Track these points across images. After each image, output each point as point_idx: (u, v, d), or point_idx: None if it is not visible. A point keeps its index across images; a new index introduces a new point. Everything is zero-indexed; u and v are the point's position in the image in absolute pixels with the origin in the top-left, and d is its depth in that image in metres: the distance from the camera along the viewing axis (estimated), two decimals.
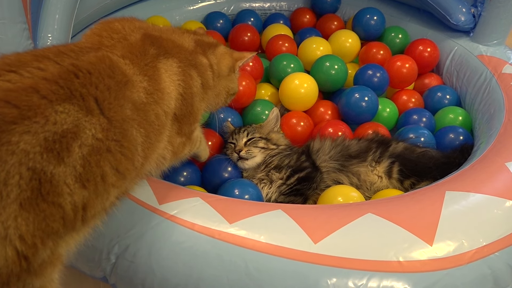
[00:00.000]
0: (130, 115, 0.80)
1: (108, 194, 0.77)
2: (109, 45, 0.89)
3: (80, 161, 0.70)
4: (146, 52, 0.91)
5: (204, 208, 0.95)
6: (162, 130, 0.92)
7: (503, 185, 1.03)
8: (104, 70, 0.79)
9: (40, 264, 0.69)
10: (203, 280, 0.87)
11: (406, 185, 1.30)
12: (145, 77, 0.87)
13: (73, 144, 0.69)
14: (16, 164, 0.62)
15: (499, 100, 1.46)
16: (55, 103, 0.68)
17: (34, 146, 0.64)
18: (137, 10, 2.10)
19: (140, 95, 0.84)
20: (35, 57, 0.73)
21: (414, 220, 0.93)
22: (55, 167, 0.66)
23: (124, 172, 0.79)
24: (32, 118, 0.64)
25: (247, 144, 1.38)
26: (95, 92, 0.75)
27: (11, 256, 0.63)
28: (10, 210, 0.62)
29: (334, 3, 2.27)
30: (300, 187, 1.28)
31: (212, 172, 1.33)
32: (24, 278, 0.67)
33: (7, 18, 1.13)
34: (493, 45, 1.74)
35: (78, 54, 0.79)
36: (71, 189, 0.69)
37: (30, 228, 0.64)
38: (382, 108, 1.63)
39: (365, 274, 0.83)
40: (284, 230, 0.91)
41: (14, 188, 0.62)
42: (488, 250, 0.88)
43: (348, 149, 1.37)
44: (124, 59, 0.86)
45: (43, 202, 0.65)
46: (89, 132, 0.71)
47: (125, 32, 0.94)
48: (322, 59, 1.71)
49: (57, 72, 0.72)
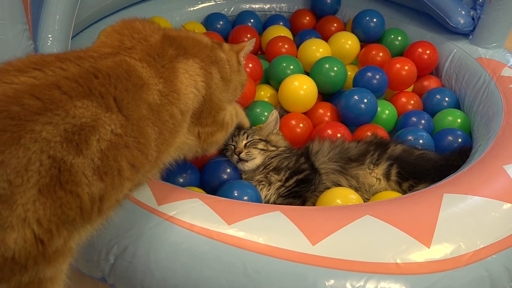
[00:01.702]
0: (146, 115, 0.86)
1: (123, 187, 0.83)
2: (129, 47, 0.94)
3: (98, 154, 0.75)
4: (165, 53, 0.96)
5: (203, 209, 0.96)
6: (178, 128, 0.97)
7: (501, 187, 1.03)
8: (121, 73, 0.85)
9: (54, 251, 0.73)
10: (201, 281, 0.87)
11: (405, 187, 1.31)
12: (161, 79, 0.92)
13: (91, 137, 0.74)
14: (37, 151, 0.67)
15: (498, 102, 1.46)
16: (74, 98, 0.74)
17: (55, 135, 0.69)
18: (137, 11, 2.11)
19: (154, 97, 0.89)
20: (58, 58, 0.80)
21: (412, 222, 0.93)
22: (74, 157, 0.71)
23: (139, 166, 0.84)
24: (54, 110, 0.70)
25: (247, 146, 1.38)
26: (114, 91, 0.81)
27: (29, 238, 0.67)
28: (30, 194, 0.66)
29: (334, 5, 2.27)
30: (299, 189, 1.28)
31: (211, 173, 1.33)
32: (40, 263, 0.71)
33: (8, 18, 1.13)
34: (492, 48, 1.75)
35: (96, 60, 0.85)
36: (89, 180, 0.74)
37: (47, 213, 0.69)
38: (381, 110, 1.64)
39: (363, 276, 0.83)
40: (282, 231, 0.91)
41: (34, 174, 0.67)
42: (485, 253, 0.88)
43: (347, 151, 1.37)
44: (142, 62, 0.91)
45: (60, 190, 0.70)
46: (108, 128, 0.77)
47: (145, 32, 0.98)
48: (322, 60, 1.71)
49: (78, 72, 0.78)
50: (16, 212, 0.65)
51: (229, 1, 2.37)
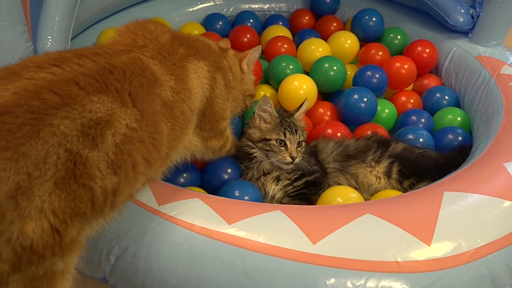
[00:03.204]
0: (160, 110, 0.88)
1: (136, 181, 0.85)
2: (142, 45, 0.97)
3: (112, 148, 0.77)
4: (175, 52, 0.99)
5: (203, 209, 0.96)
6: (188, 124, 1.00)
7: (501, 185, 1.03)
8: (136, 69, 0.87)
9: (69, 242, 0.75)
10: (202, 280, 0.87)
11: (405, 185, 1.31)
12: (172, 76, 0.95)
13: (106, 131, 0.76)
14: (55, 145, 0.70)
15: (498, 100, 1.46)
16: (91, 94, 0.77)
17: (72, 129, 0.72)
18: (136, 11, 2.11)
19: (167, 94, 0.92)
20: (75, 55, 0.82)
21: (412, 220, 0.93)
22: (89, 151, 0.74)
23: (152, 161, 0.87)
24: (72, 105, 0.73)
25: (297, 148, 1.28)
26: (129, 87, 0.83)
27: (46, 228, 0.70)
28: (46, 186, 0.69)
29: (333, 4, 2.27)
30: (307, 191, 1.27)
31: (212, 173, 1.33)
32: (56, 254, 0.73)
33: (7, 20, 1.14)
34: (492, 46, 1.75)
35: (112, 56, 0.88)
36: (102, 174, 0.76)
37: (62, 205, 0.71)
38: (381, 109, 1.64)
39: (364, 274, 0.83)
40: (282, 230, 0.91)
41: (51, 166, 0.69)
42: (486, 250, 0.88)
43: (346, 148, 1.37)
44: (153, 60, 0.94)
45: (74, 183, 0.72)
46: (123, 122, 0.79)
47: (156, 33, 1.02)
48: (321, 60, 1.72)
49: (94, 68, 0.81)
50: (34, 203, 0.68)
51: (228, 2, 2.37)
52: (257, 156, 1.30)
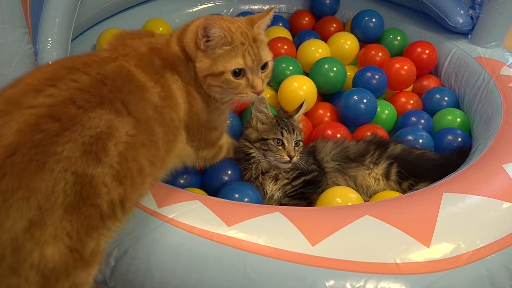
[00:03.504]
0: (152, 115, 0.89)
1: (144, 184, 0.87)
2: (124, 54, 0.97)
3: (116, 158, 0.78)
4: (153, 62, 0.98)
5: (202, 211, 0.96)
6: (177, 132, 1.01)
7: (500, 186, 1.03)
8: (124, 77, 0.88)
9: (90, 253, 0.78)
10: (201, 282, 0.88)
11: (404, 186, 1.31)
12: (157, 84, 0.95)
13: (108, 143, 0.77)
14: (61, 171, 0.71)
15: (497, 101, 1.46)
16: (89, 110, 0.77)
17: (74, 151, 0.73)
18: (136, 13, 2.11)
19: (156, 99, 0.92)
20: (68, 70, 0.82)
21: (411, 222, 0.93)
22: (94, 168, 0.75)
23: (156, 161, 0.89)
24: (72, 128, 0.74)
25: (295, 147, 1.29)
26: (121, 95, 0.84)
27: (64, 249, 0.73)
28: (57, 214, 0.71)
29: (333, 6, 2.27)
30: (305, 190, 1.27)
31: (212, 174, 1.33)
32: (79, 267, 0.76)
33: (8, 22, 1.14)
34: (491, 47, 1.75)
35: (101, 64, 0.88)
36: (108, 188, 0.77)
37: (75, 227, 0.74)
38: (380, 110, 1.64)
39: (363, 276, 0.83)
40: (282, 232, 0.92)
41: (60, 194, 0.71)
42: (485, 252, 0.89)
43: (347, 150, 1.37)
44: (137, 68, 0.94)
45: (83, 206, 0.74)
46: (123, 130, 0.80)
47: (134, 45, 1.01)
48: (321, 61, 1.72)
49: (88, 82, 0.81)
50: (47, 231, 0.71)
51: (228, 3, 2.38)
52: (255, 156, 1.30)
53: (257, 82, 1.02)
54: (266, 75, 1.07)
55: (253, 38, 1.02)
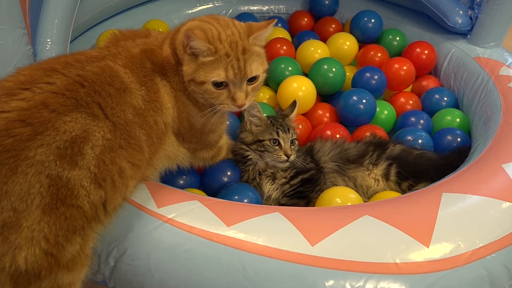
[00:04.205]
0: (132, 119, 0.87)
1: (127, 186, 0.87)
2: (115, 53, 0.96)
3: (94, 161, 0.78)
4: (144, 65, 0.97)
5: (202, 211, 0.96)
6: (163, 136, 0.99)
7: (499, 186, 1.03)
8: (105, 78, 0.87)
9: (71, 258, 0.78)
10: (201, 282, 0.88)
11: (404, 187, 1.31)
12: (143, 87, 0.93)
13: (84, 147, 0.77)
14: (35, 174, 0.72)
15: (496, 101, 1.46)
16: (63, 114, 0.77)
17: (48, 155, 0.73)
18: (136, 13, 2.12)
19: (138, 102, 0.91)
20: (45, 72, 0.82)
21: (411, 222, 0.93)
22: (69, 171, 0.75)
23: (139, 163, 0.88)
24: (44, 132, 0.74)
25: (291, 145, 1.31)
26: (99, 99, 0.83)
27: (39, 253, 0.73)
28: (34, 216, 0.72)
29: (332, 6, 2.28)
30: (304, 189, 1.28)
31: (211, 175, 1.33)
32: (55, 272, 0.76)
33: (7, 23, 1.14)
34: (490, 47, 1.75)
35: (83, 64, 0.87)
36: (87, 191, 0.77)
37: (53, 229, 0.74)
38: (380, 110, 1.64)
39: (362, 276, 0.83)
40: (281, 232, 0.92)
41: (36, 196, 0.72)
42: (484, 252, 0.89)
43: (346, 152, 1.37)
44: (125, 68, 0.93)
45: (62, 206, 0.75)
46: (99, 134, 0.80)
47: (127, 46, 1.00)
48: (320, 62, 1.72)
49: (65, 84, 0.80)
50: (23, 235, 0.71)
51: (227, 3, 2.38)
52: (252, 159, 1.31)
53: (238, 95, 0.98)
54: (254, 87, 1.02)
55: (243, 49, 0.96)
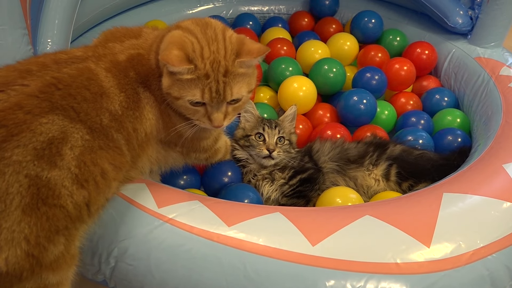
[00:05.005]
0: (108, 123, 0.86)
1: (110, 187, 0.86)
2: (101, 54, 0.93)
3: (74, 162, 0.77)
4: (127, 74, 0.93)
5: (202, 211, 0.96)
6: (145, 144, 0.97)
7: (500, 186, 1.03)
8: (82, 82, 0.85)
9: (54, 260, 0.77)
10: (201, 282, 0.87)
11: (404, 187, 1.31)
12: (123, 93, 0.90)
13: (63, 148, 0.77)
14: (13, 174, 0.71)
15: (497, 102, 1.46)
16: (39, 116, 0.76)
17: (25, 156, 0.73)
18: (136, 14, 2.12)
19: (115, 107, 0.88)
20: (20, 73, 0.81)
21: (411, 222, 0.93)
22: (49, 171, 0.74)
23: (120, 166, 0.87)
24: (20, 134, 0.73)
25: (277, 142, 1.33)
26: (73, 103, 0.81)
27: (20, 254, 0.72)
28: (14, 216, 0.71)
29: (333, 6, 2.28)
30: (303, 188, 1.28)
31: (212, 176, 1.33)
32: (38, 273, 0.75)
33: (7, 23, 1.14)
34: (491, 47, 1.75)
35: (61, 66, 0.85)
36: (69, 191, 0.77)
37: (34, 230, 0.73)
38: (380, 110, 1.64)
39: (363, 276, 0.83)
40: (282, 232, 0.91)
41: (15, 196, 0.71)
42: (485, 252, 0.88)
43: (347, 152, 1.37)
44: (107, 72, 0.90)
45: (44, 206, 0.74)
46: (77, 135, 0.79)
47: (115, 50, 0.96)
48: (321, 62, 1.72)
49: (39, 87, 0.79)
50: (2, 236, 0.70)
51: (227, 4, 2.38)
52: (241, 158, 1.34)
53: (215, 116, 0.93)
54: (236, 107, 0.97)
55: (226, 71, 0.89)
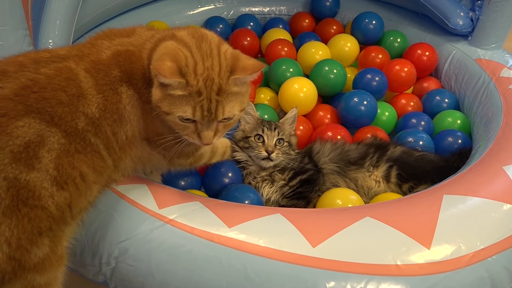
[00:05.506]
0: (84, 127, 0.84)
1: (91, 190, 0.86)
2: (86, 54, 0.90)
3: (52, 164, 0.77)
4: (109, 73, 0.89)
5: (203, 212, 0.96)
6: (126, 146, 0.93)
7: (500, 188, 1.03)
8: (58, 83, 0.82)
9: (39, 261, 0.77)
10: (202, 283, 0.88)
11: (405, 188, 1.31)
12: (100, 94, 0.87)
13: (40, 150, 0.76)
14: None
15: (497, 103, 1.46)
16: (15, 119, 0.76)
17: (2, 159, 0.73)
18: (137, 15, 2.12)
19: (92, 110, 0.85)
20: None
21: (412, 223, 0.93)
22: (27, 174, 0.75)
23: (100, 170, 0.86)
24: None
25: (276, 144, 1.33)
26: (48, 106, 0.80)
27: (1, 257, 0.72)
28: None
29: (333, 8, 2.28)
30: (303, 189, 1.28)
31: (213, 177, 1.33)
32: (21, 275, 0.75)
33: (9, 24, 1.14)
34: (491, 49, 1.75)
35: (39, 66, 0.83)
36: (50, 192, 0.77)
37: (15, 233, 0.73)
38: (381, 112, 1.64)
39: (363, 277, 0.83)
40: (282, 234, 0.92)
41: None
42: (485, 254, 0.88)
43: (347, 154, 1.37)
44: (86, 73, 0.87)
45: (24, 207, 0.74)
46: (53, 139, 0.79)
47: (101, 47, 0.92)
48: (321, 63, 1.72)
49: (14, 89, 0.78)
50: None
51: (228, 5, 2.38)
52: (241, 160, 1.34)
53: (205, 134, 0.90)
54: (227, 125, 0.94)
55: (219, 89, 0.87)
